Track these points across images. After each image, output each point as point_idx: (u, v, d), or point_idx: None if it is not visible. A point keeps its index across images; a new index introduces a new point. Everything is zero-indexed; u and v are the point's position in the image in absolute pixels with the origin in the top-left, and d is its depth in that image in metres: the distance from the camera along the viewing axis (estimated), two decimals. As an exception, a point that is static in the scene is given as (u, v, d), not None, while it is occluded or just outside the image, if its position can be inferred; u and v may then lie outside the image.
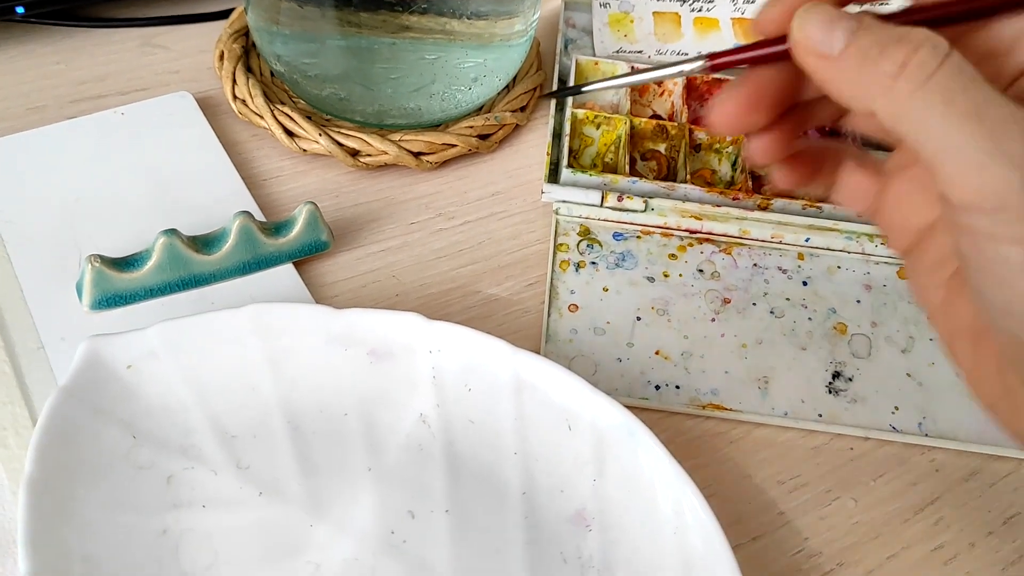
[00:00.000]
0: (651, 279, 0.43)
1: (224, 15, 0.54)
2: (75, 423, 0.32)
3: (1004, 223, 0.23)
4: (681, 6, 0.55)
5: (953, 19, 0.26)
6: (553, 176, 0.46)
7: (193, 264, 0.38)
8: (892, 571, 0.35)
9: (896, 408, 0.39)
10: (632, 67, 0.32)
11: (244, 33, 0.51)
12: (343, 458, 0.34)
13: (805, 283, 0.43)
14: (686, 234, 0.45)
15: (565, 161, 0.45)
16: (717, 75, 0.51)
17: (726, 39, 0.54)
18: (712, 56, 0.28)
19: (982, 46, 0.27)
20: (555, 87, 0.51)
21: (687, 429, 0.38)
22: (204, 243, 0.39)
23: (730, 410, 0.38)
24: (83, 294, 0.38)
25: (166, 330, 0.34)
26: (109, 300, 0.38)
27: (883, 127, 0.25)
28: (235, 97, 0.48)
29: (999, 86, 0.26)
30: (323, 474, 0.34)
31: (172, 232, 0.38)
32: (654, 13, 0.55)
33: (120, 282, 0.38)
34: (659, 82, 0.51)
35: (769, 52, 0.27)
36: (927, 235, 0.29)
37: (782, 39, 0.27)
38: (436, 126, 0.48)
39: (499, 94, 0.50)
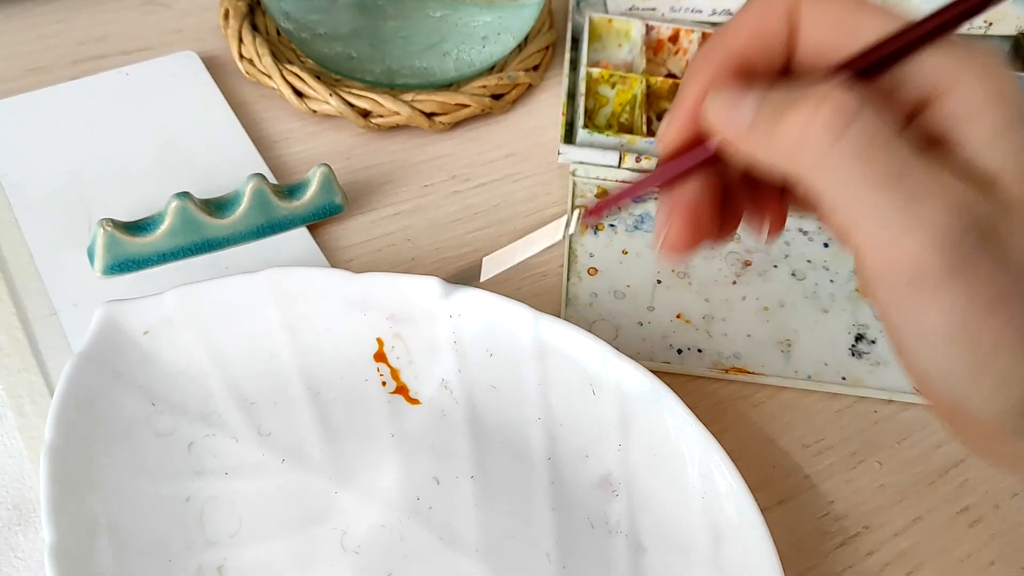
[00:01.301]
0: (671, 241, 0.42)
1: (226, -28, 0.53)
2: (94, 390, 0.31)
3: (923, 291, 0.22)
4: (694, -38, 0.54)
5: (874, 67, 0.25)
6: (568, 137, 0.45)
7: (206, 228, 0.38)
8: (918, 534, 0.35)
9: (919, 370, 0.39)
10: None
11: (249, -10, 0.49)
12: (365, 424, 0.34)
13: (826, 245, 0.43)
14: (705, 195, 0.44)
15: (581, 121, 0.44)
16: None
17: (740, -4, 0.53)
18: (587, 209, 0.30)
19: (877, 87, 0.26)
20: (567, 53, 0.50)
21: (710, 393, 0.38)
22: (217, 206, 0.38)
23: (753, 373, 0.38)
24: (95, 259, 0.37)
25: (182, 295, 0.34)
26: (121, 265, 0.37)
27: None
28: (242, 56, 0.46)
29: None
30: (346, 440, 0.33)
31: (185, 195, 0.37)
32: (667, -31, 0.54)
33: (132, 246, 0.37)
34: (674, 38, 0.50)
35: (641, 182, 0.28)
36: None
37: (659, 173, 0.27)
38: (448, 86, 0.47)
39: (511, 53, 0.49)
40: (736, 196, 0.29)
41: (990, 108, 0.23)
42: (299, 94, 0.45)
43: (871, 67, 0.25)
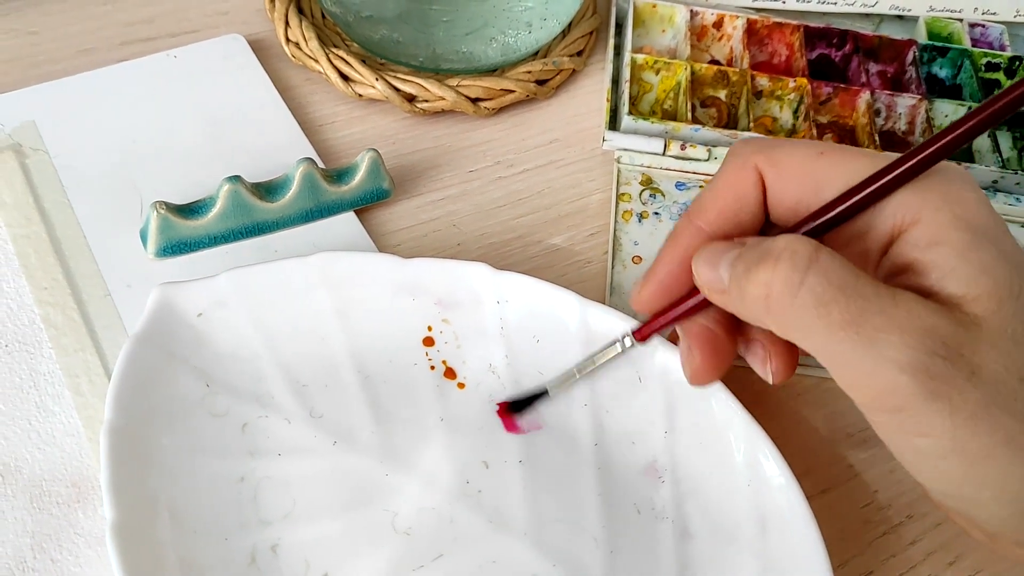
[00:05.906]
0: (715, 229, 0.42)
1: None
2: (150, 370, 0.32)
3: (906, 420, 0.24)
4: (738, -53, 0.54)
5: (838, 222, 0.26)
6: (613, 123, 0.45)
7: (257, 211, 0.38)
8: (961, 525, 0.35)
9: (964, 362, 0.39)
10: (575, 371, 0.33)
11: (294, -27, 0.50)
12: (414, 408, 0.34)
13: (871, 234, 0.42)
14: (749, 184, 0.44)
15: (626, 108, 0.44)
16: (778, 20, 0.49)
17: (785, -18, 0.53)
18: (639, 332, 0.32)
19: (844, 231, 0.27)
20: (611, 39, 0.50)
21: (753, 381, 0.38)
22: (267, 190, 0.39)
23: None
24: (148, 241, 0.37)
25: (236, 278, 0.34)
26: (174, 247, 0.37)
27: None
28: (288, 40, 0.47)
29: (871, 263, 0.27)
30: (395, 424, 0.34)
31: (236, 179, 0.37)
32: (711, -46, 0.54)
33: (185, 229, 0.37)
34: (719, 24, 0.50)
35: (694, 303, 0.29)
36: None
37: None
38: (492, 71, 0.47)
39: (555, 39, 0.49)
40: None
41: (951, 234, 0.25)
42: (345, 78, 0.45)
43: (833, 221, 0.26)
